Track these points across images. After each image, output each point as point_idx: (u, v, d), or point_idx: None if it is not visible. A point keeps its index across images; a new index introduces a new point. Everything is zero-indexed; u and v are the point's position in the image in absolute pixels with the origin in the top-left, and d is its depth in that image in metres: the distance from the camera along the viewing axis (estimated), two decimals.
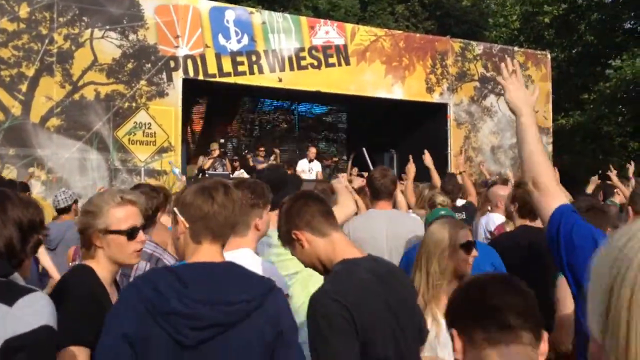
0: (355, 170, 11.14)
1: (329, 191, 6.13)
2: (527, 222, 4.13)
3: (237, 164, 13.20)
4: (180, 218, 2.19)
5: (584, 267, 1.86)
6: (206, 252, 2.15)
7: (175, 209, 2.23)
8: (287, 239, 2.46)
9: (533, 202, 2.28)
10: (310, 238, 2.40)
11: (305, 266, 2.53)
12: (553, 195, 2.19)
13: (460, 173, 7.32)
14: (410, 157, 6.47)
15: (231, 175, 11.57)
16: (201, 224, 2.15)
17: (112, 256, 2.45)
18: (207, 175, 11.84)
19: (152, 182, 9.57)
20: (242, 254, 3.02)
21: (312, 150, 13.32)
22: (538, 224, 4.26)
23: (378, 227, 4.32)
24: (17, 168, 9.53)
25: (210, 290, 2.01)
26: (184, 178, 9.11)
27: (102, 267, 2.45)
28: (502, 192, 5.72)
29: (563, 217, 2.11)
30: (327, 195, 4.72)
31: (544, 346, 1.56)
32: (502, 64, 2.47)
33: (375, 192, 4.57)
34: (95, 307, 2.24)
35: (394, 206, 4.91)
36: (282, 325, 2.07)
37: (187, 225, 2.17)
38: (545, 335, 1.57)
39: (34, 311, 1.86)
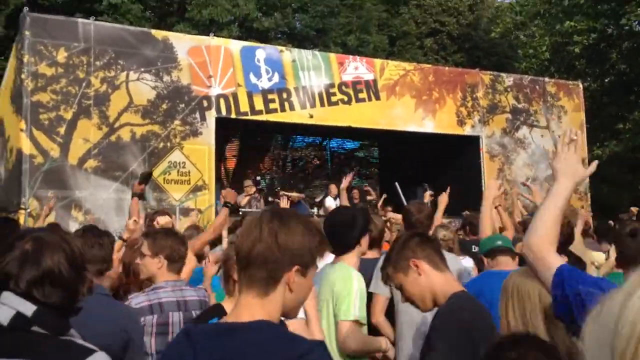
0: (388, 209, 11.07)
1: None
2: None
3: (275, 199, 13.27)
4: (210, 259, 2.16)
5: None
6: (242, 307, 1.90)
7: None
8: (403, 267, 2.61)
9: (529, 265, 2.22)
10: (428, 270, 2.57)
11: (410, 299, 2.66)
12: (549, 258, 2.10)
13: (496, 207, 7.23)
14: (448, 189, 6.45)
15: None
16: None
17: None
18: (240, 213, 11.91)
19: (186, 220, 9.65)
20: None
21: (333, 187, 13.28)
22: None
23: None
24: (55, 210, 9.69)
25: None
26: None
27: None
28: None
29: (565, 275, 2.01)
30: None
31: None
32: (567, 130, 2.42)
33: (411, 227, 4.56)
34: None
35: None
36: None
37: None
38: None
39: None
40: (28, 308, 1.81)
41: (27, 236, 1.93)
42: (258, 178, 13.74)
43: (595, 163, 2.41)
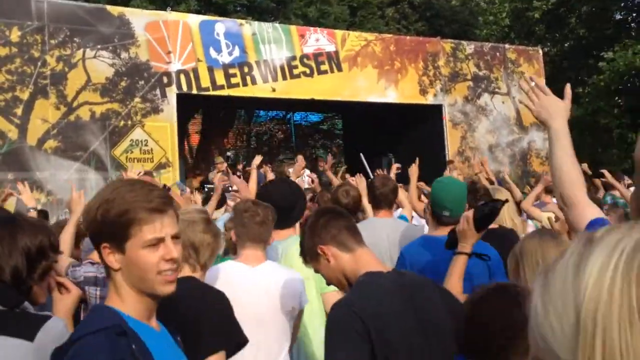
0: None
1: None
2: None
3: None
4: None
5: None
6: None
7: None
8: (312, 254, 2.43)
9: (565, 218, 2.20)
10: (336, 253, 2.37)
11: (329, 283, 2.51)
12: (582, 210, 2.08)
13: (477, 174, 7.28)
14: (417, 160, 6.49)
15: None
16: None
17: None
18: (206, 189, 11.86)
19: None
20: (269, 265, 3.14)
21: (300, 158, 13.26)
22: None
23: (379, 235, 4.29)
24: (16, 192, 9.53)
25: None
26: (188, 190, 9.10)
27: None
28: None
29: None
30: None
31: None
32: (521, 83, 2.40)
33: (376, 201, 4.57)
34: None
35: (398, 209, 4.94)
36: None
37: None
38: None
39: (54, 340, 1.87)
40: None
41: None
42: (228, 154, 13.66)
43: (568, 87, 2.36)
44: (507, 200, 3.36)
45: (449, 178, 4.42)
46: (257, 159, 6.95)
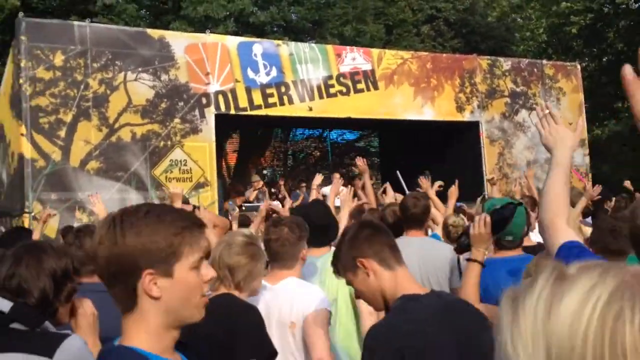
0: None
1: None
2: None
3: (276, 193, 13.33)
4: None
5: None
6: None
7: None
8: (350, 266, 2.35)
9: (544, 243, 2.20)
10: (377, 269, 2.30)
11: (362, 297, 2.43)
12: (555, 232, 2.08)
13: (520, 204, 7.23)
14: (457, 182, 6.48)
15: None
16: None
17: None
18: (243, 208, 11.97)
19: None
20: (288, 282, 3.18)
21: (336, 177, 13.31)
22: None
23: (410, 254, 4.25)
24: (60, 212, 9.74)
25: None
26: (236, 211, 9.19)
27: None
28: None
29: (562, 254, 1.98)
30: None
31: None
32: (537, 109, 2.41)
33: (408, 221, 4.59)
34: None
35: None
36: None
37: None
38: None
39: (72, 357, 1.98)
40: (5, 305, 2.02)
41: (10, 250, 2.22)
42: (265, 172, 13.77)
43: (580, 122, 2.44)
44: (521, 203, 3.34)
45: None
46: (318, 178, 6.63)
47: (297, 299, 3.14)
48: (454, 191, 6.21)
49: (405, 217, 4.57)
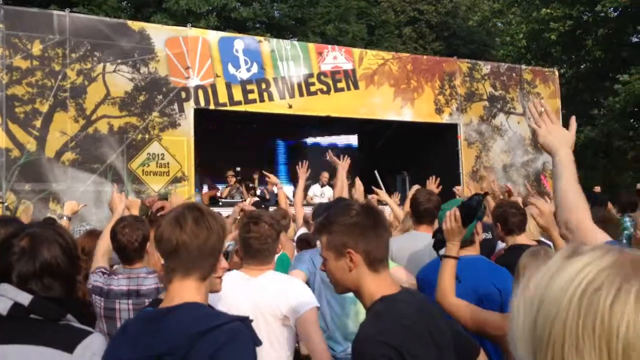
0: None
1: (289, 219, 6.37)
2: (516, 239, 4.29)
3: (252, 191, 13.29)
4: (157, 254, 2.06)
5: None
6: (173, 292, 2.01)
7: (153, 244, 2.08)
8: (338, 250, 2.20)
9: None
10: (362, 267, 2.18)
11: (330, 276, 2.29)
12: (585, 235, 2.02)
13: (486, 194, 7.24)
14: (437, 178, 6.56)
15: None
16: (172, 257, 2.01)
17: None
18: (220, 204, 11.92)
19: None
20: (269, 275, 3.20)
21: (325, 175, 13.39)
22: (524, 239, 4.30)
23: (421, 249, 4.21)
24: (33, 203, 9.65)
25: (138, 347, 1.91)
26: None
27: None
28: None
29: None
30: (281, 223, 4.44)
31: None
32: (529, 105, 2.33)
33: (419, 215, 4.46)
34: None
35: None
36: None
37: (162, 262, 2.05)
38: None
39: (92, 354, 1.96)
40: (25, 298, 1.95)
41: (21, 233, 2.09)
42: (238, 169, 13.70)
43: (573, 119, 2.34)
44: (487, 193, 3.39)
45: None
46: (274, 178, 7.24)
47: (290, 295, 3.15)
48: (433, 188, 6.24)
49: (418, 212, 4.44)
